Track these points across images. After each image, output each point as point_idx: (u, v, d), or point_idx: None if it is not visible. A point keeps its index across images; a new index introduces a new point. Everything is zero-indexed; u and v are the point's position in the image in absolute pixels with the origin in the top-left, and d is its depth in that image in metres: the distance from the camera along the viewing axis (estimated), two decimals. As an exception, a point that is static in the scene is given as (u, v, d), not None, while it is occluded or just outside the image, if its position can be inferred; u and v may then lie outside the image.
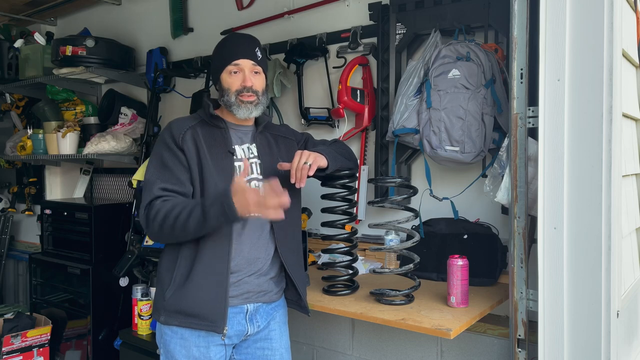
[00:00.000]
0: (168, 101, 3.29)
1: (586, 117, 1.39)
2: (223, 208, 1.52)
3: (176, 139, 1.68)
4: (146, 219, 1.64)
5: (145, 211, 1.64)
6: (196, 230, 1.58)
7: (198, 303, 1.65)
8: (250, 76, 1.73)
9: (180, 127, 1.71)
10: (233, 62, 1.72)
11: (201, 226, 1.57)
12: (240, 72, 1.73)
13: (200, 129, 1.73)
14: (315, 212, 2.39)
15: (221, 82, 1.75)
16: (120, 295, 3.09)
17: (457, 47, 2.04)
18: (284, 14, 2.75)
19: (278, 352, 1.81)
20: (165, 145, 1.70)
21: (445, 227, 2.16)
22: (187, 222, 1.57)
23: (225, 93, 1.74)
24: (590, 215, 1.39)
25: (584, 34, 1.40)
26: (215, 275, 1.66)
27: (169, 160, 1.68)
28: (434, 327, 1.59)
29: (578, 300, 1.41)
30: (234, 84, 1.72)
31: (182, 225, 1.57)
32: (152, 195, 1.64)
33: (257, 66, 1.75)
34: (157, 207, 1.61)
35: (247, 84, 1.72)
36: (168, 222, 1.59)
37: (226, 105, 1.74)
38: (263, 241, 1.74)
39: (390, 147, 2.31)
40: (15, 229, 4.35)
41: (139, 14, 3.51)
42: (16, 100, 4.00)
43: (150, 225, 1.63)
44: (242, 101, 1.72)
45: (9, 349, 3.06)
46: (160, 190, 1.64)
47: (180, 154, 1.68)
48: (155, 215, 1.60)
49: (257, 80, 1.75)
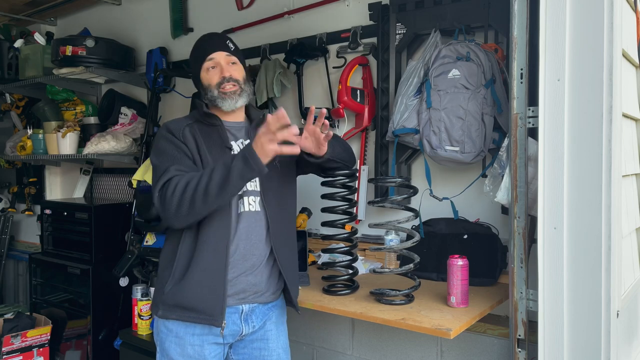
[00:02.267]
0: (168, 101, 3.29)
1: (586, 117, 1.39)
2: (246, 157, 1.49)
3: (176, 134, 1.69)
4: (163, 198, 1.59)
5: (160, 192, 1.60)
6: (219, 193, 1.53)
7: (196, 297, 1.65)
8: (227, 67, 1.74)
9: (177, 125, 1.72)
10: (207, 58, 1.74)
11: (224, 186, 1.52)
12: (216, 66, 1.74)
13: (197, 127, 1.73)
14: (315, 212, 2.39)
15: (201, 81, 1.77)
16: (120, 295, 3.09)
17: (457, 47, 2.04)
18: (284, 14, 2.75)
19: (275, 352, 1.81)
20: (167, 140, 1.69)
21: (445, 227, 2.16)
22: (208, 187, 1.53)
23: (208, 90, 1.74)
24: (590, 215, 1.39)
25: (584, 34, 1.40)
26: (213, 270, 1.66)
27: (175, 151, 1.67)
28: (434, 327, 1.59)
29: (578, 300, 1.41)
30: (213, 79, 1.73)
31: (204, 192, 1.53)
32: (168, 176, 1.60)
33: (231, 56, 1.76)
34: (174, 182, 1.57)
35: (225, 74, 1.73)
36: (188, 193, 1.54)
37: (211, 101, 1.75)
38: (257, 237, 1.73)
39: (390, 147, 2.31)
40: (15, 229, 4.35)
41: (139, 14, 3.51)
42: (16, 100, 4.00)
43: (168, 202, 1.58)
44: (225, 92, 1.72)
45: (9, 349, 3.06)
46: (175, 171, 1.61)
47: (184, 146, 1.68)
48: (174, 189, 1.56)
49: (235, 70, 1.75)
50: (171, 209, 1.57)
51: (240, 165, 1.50)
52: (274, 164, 1.75)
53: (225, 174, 1.52)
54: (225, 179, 1.52)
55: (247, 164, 1.50)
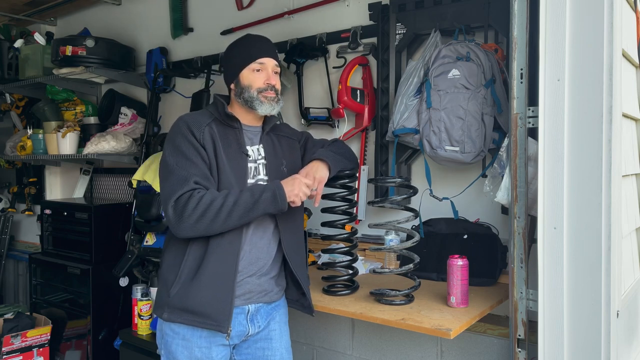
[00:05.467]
0: (168, 101, 3.29)
1: (586, 117, 1.39)
2: (275, 194, 1.61)
3: (197, 135, 1.67)
4: (181, 211, 1.59)
5: (176, 203, 1.60)
6: (240, 218, 1.61)
7: (204, 302, 1.64)
8: (274, 76, 1.76)
9: (198, 124, 1.70)
10: (258, 60, 1.74)
11: (248, 214, 1.61)
12: (264, 70, 1.75)
13: (216, 128, 1.72)
14: (315, 212, 2.39)
15: (241, 79, 1.75)
16: (120, 295, 3.09)
17: (457, 47, 2.03)
18: (284, 14, 2.75)
19: (278, 352, 1.81)
20: (185, 139, 1.67)
21: (445, 227, 2.16)
22: (233, 210, 1.59)
23: (246, 90, 1.74)
24: (590, 215, 1.39)
25: (584, 34, 1.40)
26: (222, 275, 1.65)
27: (192, 155, 1.66)
28: (434, 327, 1.59)
29: (578, 300, 1.41)
30: (257, 81, 1.74)
31: (228, 214, 1.59)
32: (188, 187, 1.61)
33: (278, 67, 1.79)
34: (197, 197, 1.59)
35: (272, 81, 1.75)
36: (211, 212, 1.58)
37: (246, 101, 1.74)
38: (265, 242, 1.74)
39: (390, 147, 2.31)
40: (15, 229, 4.35)
41: (139, 14, 3.51)
42: (16, 100, 4.00)
43: (186, 217, 1.58)
44: (266, 97, 1.74)
45: (9, 349, 3.06)
46: (194, 184, 1.62)
47: (202, 150, 1.67)
48: (197, 205, 1.58)
49: (277, 81, 1.78)
50: (189, 222, 1.60)
51: (269, 200, 1.62)
52: (282, 169, 1.78)
53: (252, 203, 1.61)
54: (250, 207, 1.61)
55: (275, 201, 1.62)
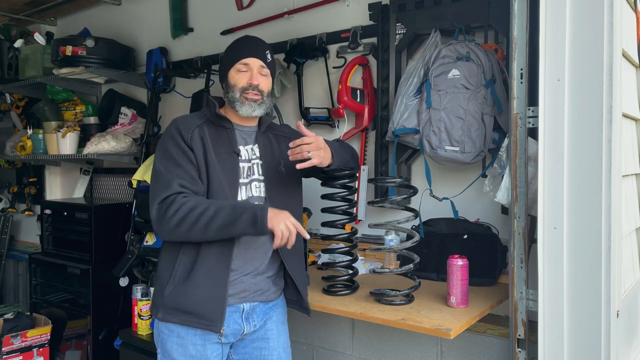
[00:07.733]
0: (168, 101, 3.29)
1: (586, 117, 1.39)
2: (256, 216, 1.55)
3: (185, 137, 1.68)
4: (163, 214, 1.60)
5: (160, 206, 1.61)
6: (218, 231, 1.58)
7: (197, 301, 1.66)
8: (258, 76, 1.75)
9: (187, 126, 1.71)
10: (242, 61, 1.74)
11: (225, 229, 1.58)
12: (248, 70, 1.75)
13: (207, 128, 1.73)
14: (315, 212, 2.39)
15: (228, 78, 1.77)
16: (120, 295, 3.09)
17: (457, 47, 2.03)
18: (284, 14, 2.75)
19: (275, 352, 1.81)
20: (174, 142, 1.69)
21: (445, 227, 2.16)
22: (211, 222, 1.57)
23: (231, 89, 1.75)
24: (590, 215, 1.39)
25: (584, 34, 1.40)
26: (215, 275, 1.66)
27: (180, 158, 1.67)
28: (434, 327, 1.59)
29: (578, 300, 1.41)
30: (241, 81, 1.74)
31: (205, 224, 1.57)
32: (172, 190, 1.61)
33: (265, 68, 1.77)
34: (179, 202, 1.59)
35: (254, 82, 1.74)
36: (190, 219, 1.57)
37: (230, 101, 1.75)
38: (261, 241, 1.74)
39: (390, 147, 2.31)
40: (15, 229, 4.35)
41: (139, 14, 3.51)
42: (16, 100, 4.00)
43: (166, 220, 1.60)
44: (247, 98, 1.73)
45: (9, 349, 3.05)
46: (179, 187, 1.62)
47: (190, 152, 1.67)
48: (177, 210, 1.58)
49: (263, 81, 1.76)
50: (167, 227, 1.61)
51: (248, 221, 1.56)
52: (280, 169, 1.77)
53: (231, 220, 1.57)
54: (228, 224, 1.58)
55: (254, 224, 1.56)
